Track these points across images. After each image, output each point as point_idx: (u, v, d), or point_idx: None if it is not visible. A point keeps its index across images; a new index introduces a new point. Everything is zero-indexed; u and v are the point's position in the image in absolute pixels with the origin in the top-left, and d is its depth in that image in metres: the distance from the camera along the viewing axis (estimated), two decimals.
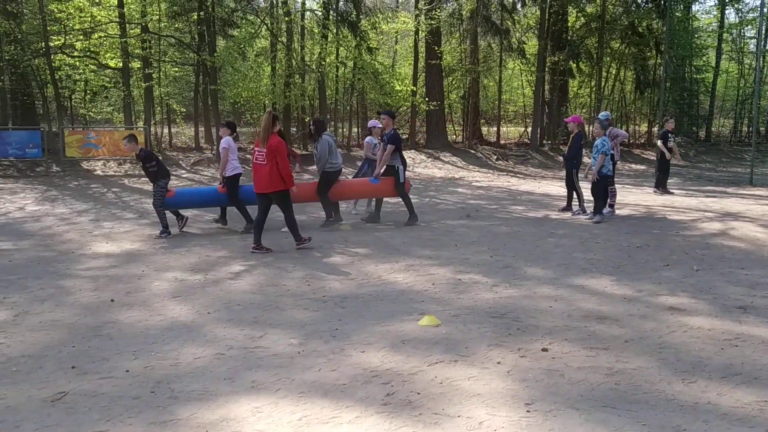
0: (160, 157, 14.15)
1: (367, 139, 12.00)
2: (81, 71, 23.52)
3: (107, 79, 25.46)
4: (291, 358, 4.66)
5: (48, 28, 21.06)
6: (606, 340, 5.02)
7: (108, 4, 22.98)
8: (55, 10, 22.52)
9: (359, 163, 14.15)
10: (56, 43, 21.63)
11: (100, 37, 22.49)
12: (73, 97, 25.66)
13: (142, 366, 4.53)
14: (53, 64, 21.27)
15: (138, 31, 22.00)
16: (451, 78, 28.10)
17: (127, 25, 21.65)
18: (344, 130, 27.59)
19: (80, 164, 19.62)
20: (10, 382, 4.26)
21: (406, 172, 10.71)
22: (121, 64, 22.19)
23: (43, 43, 20.73)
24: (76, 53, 22.57)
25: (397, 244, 8.90)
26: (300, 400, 3.96)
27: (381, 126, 11.00)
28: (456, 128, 31.14)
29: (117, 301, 6.16)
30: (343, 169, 11.54)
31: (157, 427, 3.63)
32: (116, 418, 3.73)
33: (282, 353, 4.77)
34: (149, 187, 16.02)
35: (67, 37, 22.20)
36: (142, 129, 20.75)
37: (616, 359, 4.61)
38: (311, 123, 10.74)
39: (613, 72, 29.03)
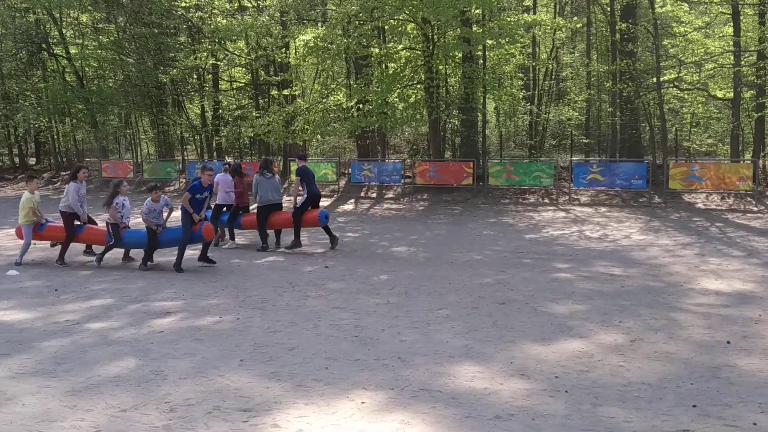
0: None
1: None
2: (689, 103, 23.62)
3: (715, 110, 24.96)
4: None
5: (660, 63, 21.78)
6: None
7: (721, 34, 22.53)
8: (668, 45, 23.21)
9: None
10: (667, 77, 22.21)
11: (713, 68, 22.20)
12: (676, 129, 25.95)
13: None
14: (663, 98, 21.89)
15: (753, 58, 20.87)
16: None
17: (742, 53, 20.76)
18: None
19: (681, 197, 19.62)
20: (634, 408, 4.40)
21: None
22: (731, 95, 21.42)
23: (655, 78, 21.52)
24: (684, 86, 22.80)
25: None
26: None
27: None
28: None
29: (733, 344, 5.83)
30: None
31: None
32: None
33: None
34: (756, 223, 14.99)
35: (678, 71, 22.58)
36: (750, 162, 19.56)
37: None
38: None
39: None
